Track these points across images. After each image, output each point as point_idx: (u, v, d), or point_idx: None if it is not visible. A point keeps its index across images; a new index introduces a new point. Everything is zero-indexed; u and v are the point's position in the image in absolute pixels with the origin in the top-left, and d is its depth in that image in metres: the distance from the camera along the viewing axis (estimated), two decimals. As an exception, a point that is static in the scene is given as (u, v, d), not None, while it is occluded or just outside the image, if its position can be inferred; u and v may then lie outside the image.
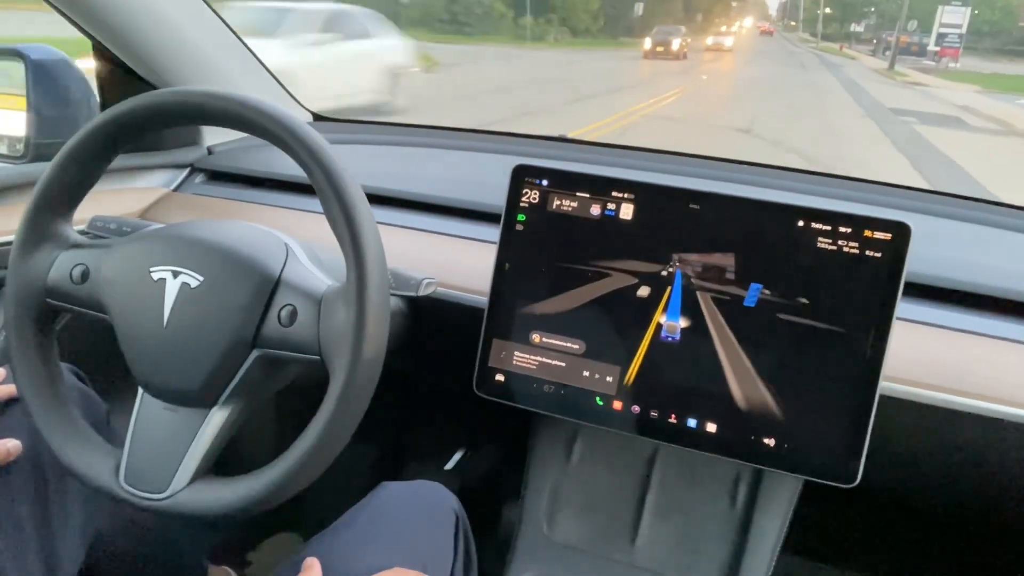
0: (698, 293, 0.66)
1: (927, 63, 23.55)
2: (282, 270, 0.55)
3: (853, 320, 0.61)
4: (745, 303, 0.64)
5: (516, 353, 0.71)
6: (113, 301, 0.56)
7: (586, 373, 0.69)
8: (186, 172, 1.08)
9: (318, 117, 1.26)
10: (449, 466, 1.29)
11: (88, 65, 0.97)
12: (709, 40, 30.23)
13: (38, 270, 0.57)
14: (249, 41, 1.09)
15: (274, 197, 0.99)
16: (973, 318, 0.70)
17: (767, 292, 0.64)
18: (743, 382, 0.65)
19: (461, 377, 0.74)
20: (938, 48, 23.69)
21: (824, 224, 0.62)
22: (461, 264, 0.81)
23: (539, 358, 0.71)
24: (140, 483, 0.54)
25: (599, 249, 0.69)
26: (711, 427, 0.66)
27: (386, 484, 0.74)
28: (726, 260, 0.65)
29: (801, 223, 0.63)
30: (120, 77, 0.98)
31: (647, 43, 21.38)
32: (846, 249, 0.62)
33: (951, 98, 13.35)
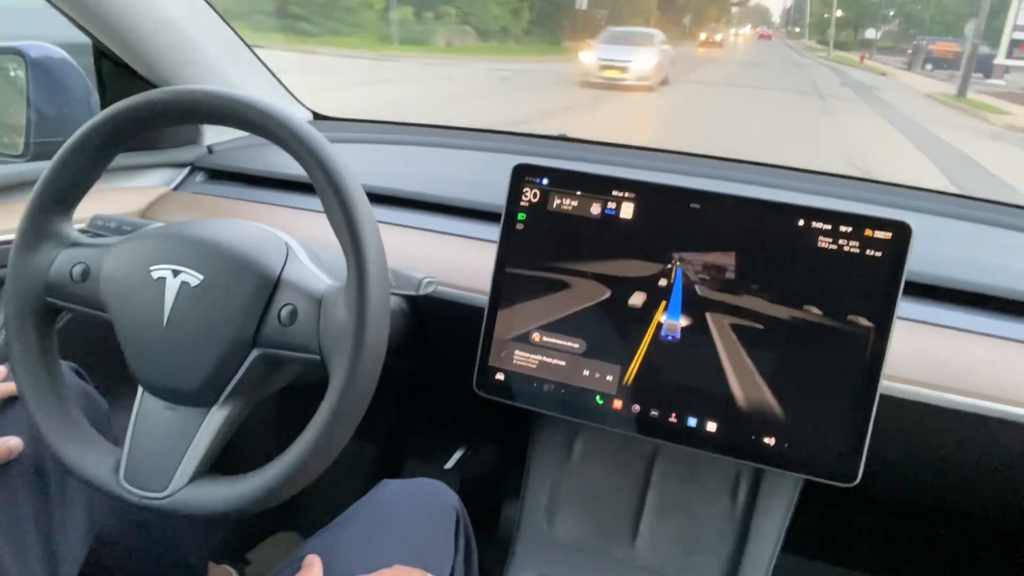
0: (699, 292, 0.65)
1: (993, 82, 15.41)
2: (282, 269, 0.55)
3: (854, 319, 0.61)
4: (744, 302, 0.64)
5: (516, 352, 0.71)
6: (113, 300, 0.56)
7: (586, 372, 0.69)
8: (186, 171, 1.08)
9: (319, 116, 1.26)
10: (449, 465, 1.29)
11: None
12: (595, 57, 11.11)
13: (38, 268, 0.57)
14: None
15: (274, 196, 0.99)
16: (974, 317, 0.69)
17: (768, 291, 0.64)
18: (743, 381, 0.65)
19: (461, 376, 0.73)
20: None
21: (825, 223, 0.62)
22: (461, 263, 0.81)
23: (539, 357, 0.71)
24: (140, 482, 0.54)
25: (599, 248, 0.69)
26: (711, 426, 0.66)
27: (387, 482, 0.74)
28: (727, 259, 0.65)
29: (802, 222, 0.63)
30: (120, 76, 0.98)
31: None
32: (847, 248, 0.62)
33: None
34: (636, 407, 0.68)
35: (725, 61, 24.51)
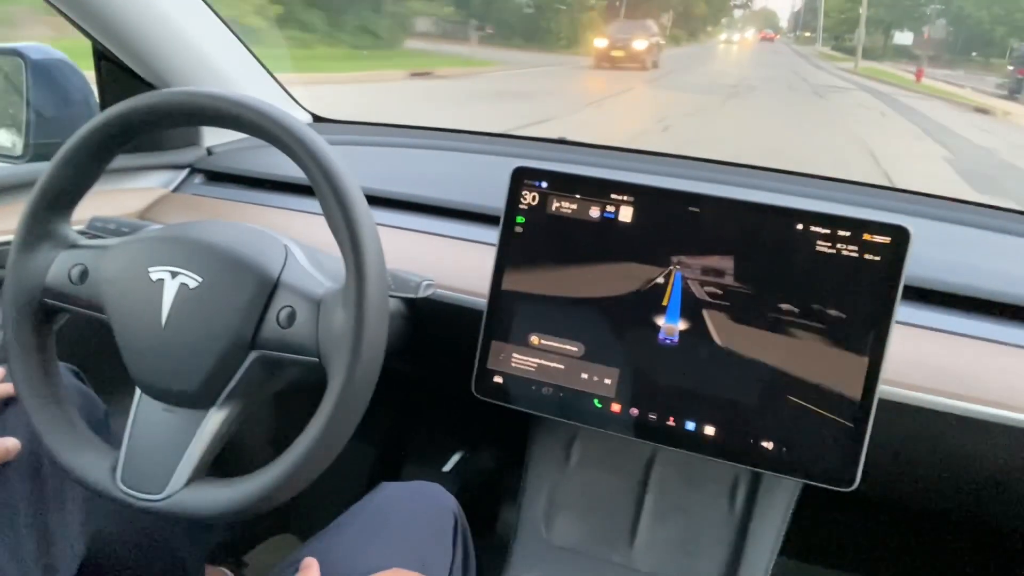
0: (697, 296, 0.65)
1: None
2: (281, 271, 0.55)
3: (852, 323, 0.61)
4: (743, 306, 0.64)
5: (514, 355, 0.71)
6: (111, 301, 0.56)
7: (585, 375, 0.69)
8: (185, 173, 1.08)
9: (318, 118, 1.26)
10: (447, 468, 1.29)
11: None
12: None
13: (36, 270, 0.57)
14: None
15: (273, 198, 0.99)
16: (972, 322, 0.70)
17: (766, 295, 0.64)
18: (741, 385, 0.64)
19: (460, 379, 0.73)
20: None
21: (823, 227, 0.62)
22: (460, 266, 0.81)
23: (538, 360, 0.71)
24: (138, 484, 0.53)
25: (598, 251, 0.69)
26: (710, 430, 0.66)
27: (385, 484, 0.74)
28: (725, 263, 0.65)
29: (800, 226, 0.63)
30: (120, 77, 0.98)
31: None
32: (845, 252, 0.62)
33: None
34: (634, 410, 0.68)
35: (673, 87, 11.90)
